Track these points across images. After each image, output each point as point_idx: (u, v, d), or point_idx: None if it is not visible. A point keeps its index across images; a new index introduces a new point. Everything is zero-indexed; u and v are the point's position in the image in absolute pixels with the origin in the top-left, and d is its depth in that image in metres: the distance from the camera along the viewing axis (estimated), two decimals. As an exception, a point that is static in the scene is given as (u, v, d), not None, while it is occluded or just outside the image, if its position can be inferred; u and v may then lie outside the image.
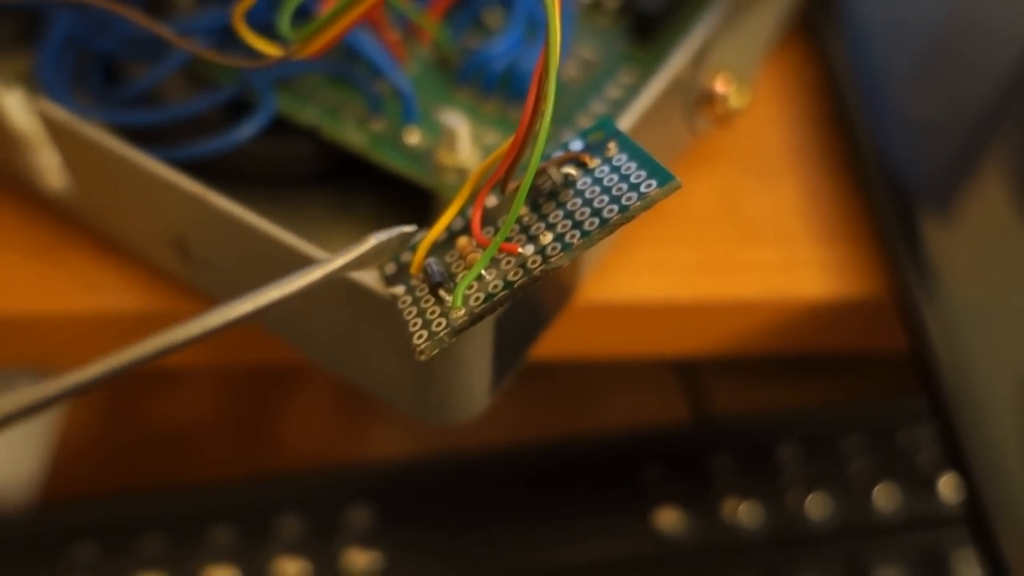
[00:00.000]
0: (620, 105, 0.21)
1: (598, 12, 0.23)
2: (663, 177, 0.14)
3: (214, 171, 0.20)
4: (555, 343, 0.21)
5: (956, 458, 0.18)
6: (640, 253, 0.21)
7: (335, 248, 0.21)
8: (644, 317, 0.21)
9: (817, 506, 0.26)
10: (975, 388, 0.19)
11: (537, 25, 0.22)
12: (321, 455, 0.35)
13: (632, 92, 0.21)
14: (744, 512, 0.26)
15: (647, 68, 0.22)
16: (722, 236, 0.22)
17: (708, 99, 0.21)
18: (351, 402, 0.35)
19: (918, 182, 0.22)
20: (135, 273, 0.21)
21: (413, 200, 0.20)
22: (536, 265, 0.14)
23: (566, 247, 0.14)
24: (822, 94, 0.24)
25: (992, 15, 0.25)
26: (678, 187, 0.14)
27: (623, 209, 0.14)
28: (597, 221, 0.14)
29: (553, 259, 0.14)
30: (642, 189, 0.14)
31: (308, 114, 0.21)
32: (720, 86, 0.21)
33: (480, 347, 0.17)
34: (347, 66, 0.21)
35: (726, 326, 0.21)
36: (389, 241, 0.15)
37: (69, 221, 0.22)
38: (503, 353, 0.18)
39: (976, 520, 0.18)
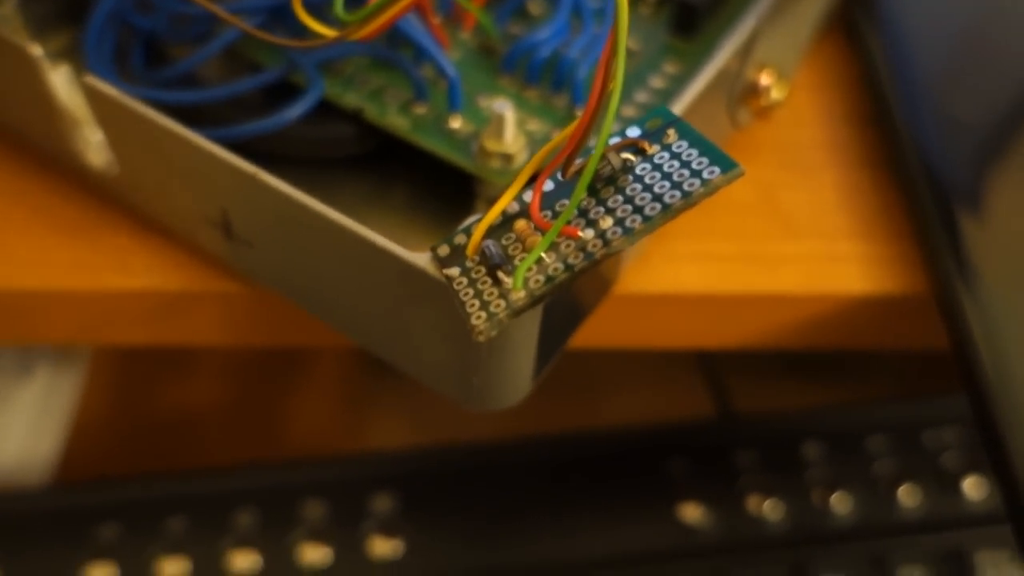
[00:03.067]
0: (665, 95, 0.21)
1: (641, 2, 0.23)
2: (726, 164, 0.14)
3: (254, 151, 0.20)
4: (593, 332, 0.21)
5: (997, 456, 0.18)
6: (679, 244, 0.21)
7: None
8: (682, 308, 0.21)
9: (841, 504, 0.26)
10: (1018, 385, 0.18)
11: (582, 13, 0.21)
12: (326, 441, 0.35)
13: (676, 82, 0.21)
14: (768, 508, 0.26)
15: (690, 59, 0.22)
16: (761, 229, 0.22)
17: (752, 91, 0.21)
18: (357, 390, 0.36)
19: (957, 178, 0.22)
20: (173, 253, 0.21)
21: (450, 185, 0.20)
22: (597, 248, 0.14)
23: (627, 231, 0.14)
24: (861, 90, 0.24)
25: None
26: (741, 174, 0.14)
27: (685, 195, 0.14)
28: (659, 206, 0.14)
29: (614, 243, 0.14)
30: (704, 175, 0.14)
31: (351, 97, 0.21)
32: (764, 79, 0.21)
33: (527, 333, 0.16)
34: (391, 49, 0.21)
35: (764, 319, 0.21)
36: None
37: (109, 200, 0.22)
38: (547, 340, 0.18)
39: (1017, 519, 0.18)
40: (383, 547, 0.26)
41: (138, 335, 0.22)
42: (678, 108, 0.19)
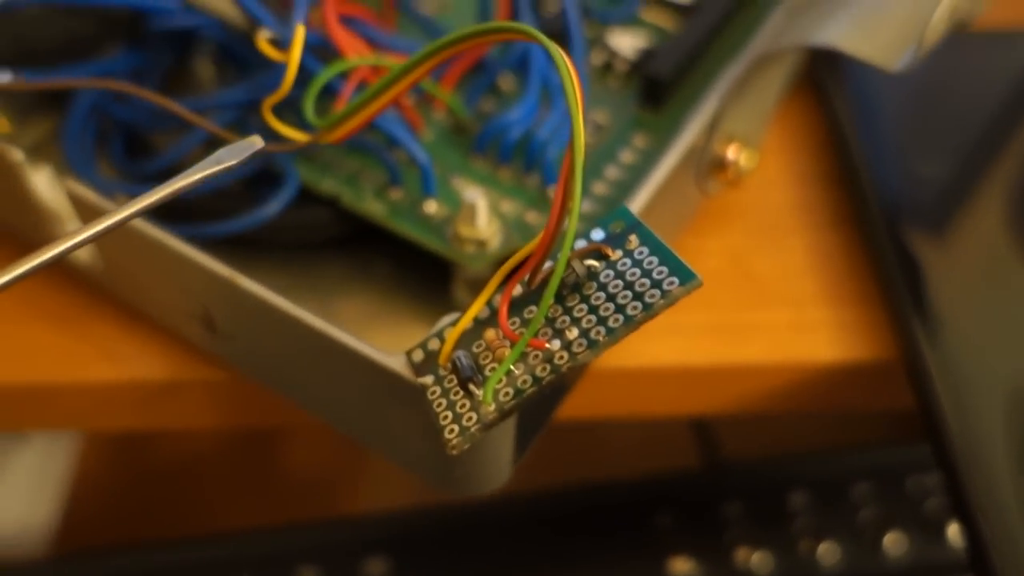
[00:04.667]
0: (634, 170, 0.21)
1: (609, 74, 0.23)
2: (684, 275, 0.14)
3: (236, 239, 0.21)
4: (571, 407, 0.21)
5: (962, 512, 0.19)
6: (653, 317, 0.22)
7: (351, 312, 0.22)
8: (657, 380, 0.21)
9: (828, 554, 0.27)
10: (982, 447, 0.19)
11: (552, 90, 0.22)
12: (329, 500, 0.36)
13: (645, 157, 0.22)
14: (756, 560, 0.27)
15: (659, 132, 0.22)
16: (732, 298, 0.22)
17: (720, 165, 0.21)
18: (357, 449, 0.36)
19: (925, 239, 0.22)
20: (159, 343, 0.21)
21: (430, 264, 0.21)
22: (563, 361, 0.14)
23: (592, 344, 0.14)
24: (828, 151, 0.25)
25: (995, 71, 0.25)
26: (699, 285, 0.14)
27: (647, 307, 0.14)
28: (622, 318, 0.14)
29: (580, 355, 0.14)
30: (664, 287, 0.14)
31: (328, 183, 0.21)
32: (732, 153, 0.21)
33: (505, 430, 0.17)
34: (365, 136, 0.21)
35: (737, 388, 0.22)
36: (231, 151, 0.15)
37: (95, 291, 0.22)
38: (525, 427, 0.18)
39: (981, 571, 0.18)
40: (378, 610, 0.27)
41: (126, 421, 0.22)
42: (648, 190, 0.19)
